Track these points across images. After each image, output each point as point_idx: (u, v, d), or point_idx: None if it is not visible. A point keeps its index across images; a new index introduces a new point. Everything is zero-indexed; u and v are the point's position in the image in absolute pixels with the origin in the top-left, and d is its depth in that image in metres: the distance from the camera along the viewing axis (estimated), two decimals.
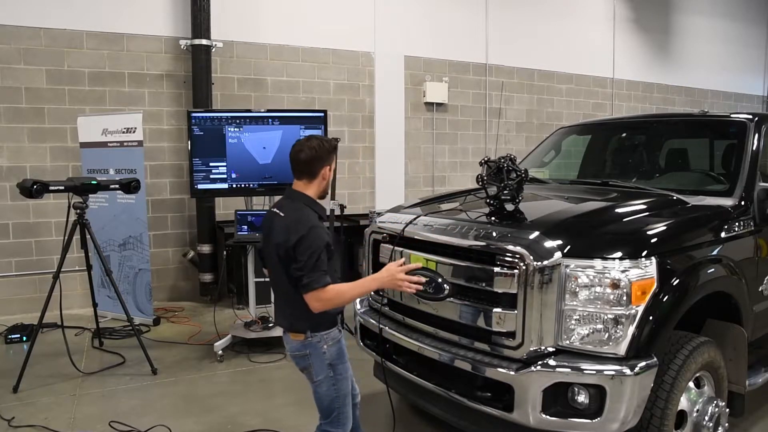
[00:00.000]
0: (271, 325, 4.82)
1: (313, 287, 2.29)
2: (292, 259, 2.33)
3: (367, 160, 7.49)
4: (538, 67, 8.73)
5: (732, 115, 3.69)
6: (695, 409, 2.72)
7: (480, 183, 3.05)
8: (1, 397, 3.88)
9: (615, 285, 2.43)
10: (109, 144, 5.46)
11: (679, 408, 2.64)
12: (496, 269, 2.59)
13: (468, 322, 2.74)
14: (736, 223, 3.03)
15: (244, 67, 6.67)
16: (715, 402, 2.76)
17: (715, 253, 2.87)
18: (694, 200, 3.10)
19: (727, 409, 2.88)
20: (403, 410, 3.65)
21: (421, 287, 2.54)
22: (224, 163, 4.79)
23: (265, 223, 2.55)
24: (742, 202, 3.14)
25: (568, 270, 2.48)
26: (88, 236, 4.37)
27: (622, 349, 2.44)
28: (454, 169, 8.23)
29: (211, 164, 4.78)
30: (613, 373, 2.39)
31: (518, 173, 2.91)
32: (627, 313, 2.43)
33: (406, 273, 2.49)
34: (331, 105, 7.05)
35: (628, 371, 2.39)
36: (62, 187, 4.21)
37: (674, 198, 3.13)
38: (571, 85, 9.12)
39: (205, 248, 6.31)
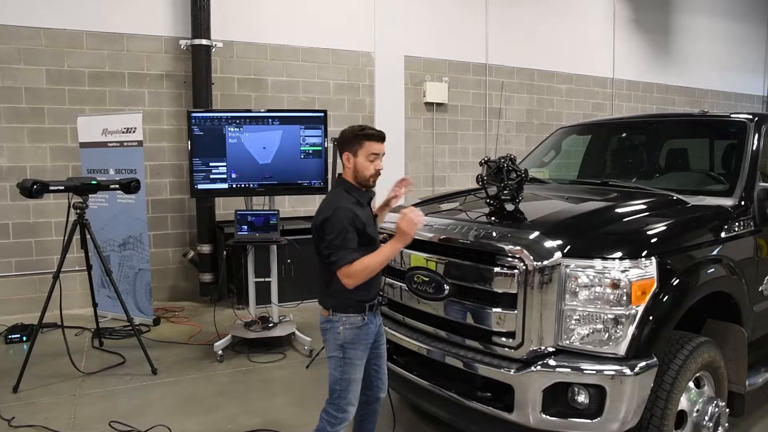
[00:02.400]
0: (271, 325, 4.82)
1: (341, 264, 2.40)
2: (321, 239, 2.47)
3: None
4: (538, 67, 8.73)
5: (732, 115, 3.69)
6: (695, 409, 2.72)
7: (480, 183, 3.05)
8: (1, 397, 3.88)
9: (615, 285, 2.43)
10: (109, 144, 5.45)
11: (679, 408, 2.64)
12: (496, 269, 2.60)
13: (468, 322, 2.74)
14: (736, 223, 3.02)
15: (244, 67, 6.67)
16: (715, 402, 2.76)
17: (715, 253, 2.87)
18: (694, 200, 3.10)
19: (727, 409, 2.88)
20: (403, 410, 3.65)
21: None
22: (224, 163, 4.78)
23: None
24: (742, 202, 3.14)
25: (568, 270, 2.49)
26: (88, 236, 4.37)
27: (622, 349, 2.44)
28: (454, 169, 8.22)
29: (211, 164, 4.77)
30: (613, 373, 2.40)
31: (518, 173, 2.92)
32: (627, 313, 2.43)
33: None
34: (331, 105, 7.05)
35: (628, 371, 2.39)
36: (62, 187, 4.21)
37: (674, 198, 3.13)
38: (571, 85, 9.12)
39: (205, 248, 6.31)
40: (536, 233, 2.61)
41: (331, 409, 2.56)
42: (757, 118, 3.52)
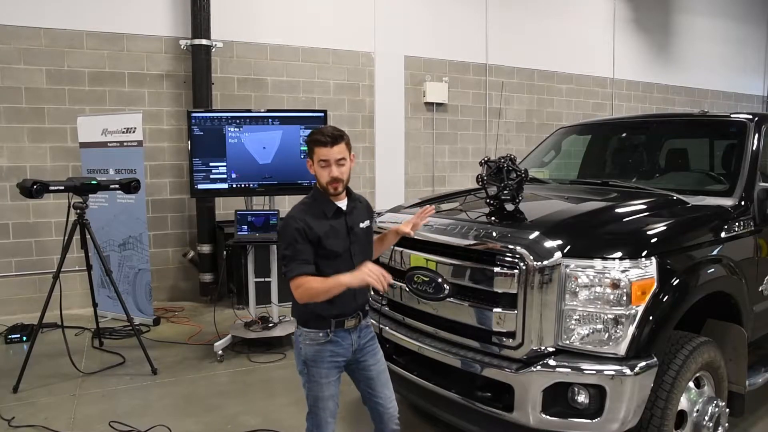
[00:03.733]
0: (271, 325, 4.82)
1: (288, 276, 2.31)
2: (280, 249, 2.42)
3: (367, 160, 7.49)
4: (538, 67, 8.73)
5: (732, 115, 3.69)
6: (695, 409, 2.72)
7: (480, 183, 3.05)
8: (1, 397, 3.88)
9: (615, 285, 2.43)
10: (109, 144, 5.45)
11: (679, 408, 2.63)
12: (496, 269, 2.59)
13: (468, 322, 2.74)
14: (736, 223, 3.02)
15: (244, 67, 6.67)
16: (715, 402, 2.76)
17: (715, 253, 2.87)
18: (694, 200, 3.10)
19: (727, 409, 2.88)
20: (403, 410, 3.62)
21: (390, 280, 2.31)
22: (224, 163, 4.78)
23: None
24: (742, 202, 3.14)
25: (568, 270, 2.48)
26: (88, 236, 4.37)
27: (622, 349, 2.44)
28: (454, 169, 8.23)
29: (211, 164, 4.77)
30: (613, 373, 2.39)
31: (518, 173, 2.91)
32: (627, 313, 2.43)
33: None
34: (331, 105, 7.04)
35: (628, 371, 2.39)
36: (62, 187, 4.21)
37: (674, 198, 3.13)
38: (571, 85, 9.12)
39: (205, 248, 6.31)
40: (536, 233, 2.61)
41: (308, 423, 2.48)
42: (757, 118, 3.52)
